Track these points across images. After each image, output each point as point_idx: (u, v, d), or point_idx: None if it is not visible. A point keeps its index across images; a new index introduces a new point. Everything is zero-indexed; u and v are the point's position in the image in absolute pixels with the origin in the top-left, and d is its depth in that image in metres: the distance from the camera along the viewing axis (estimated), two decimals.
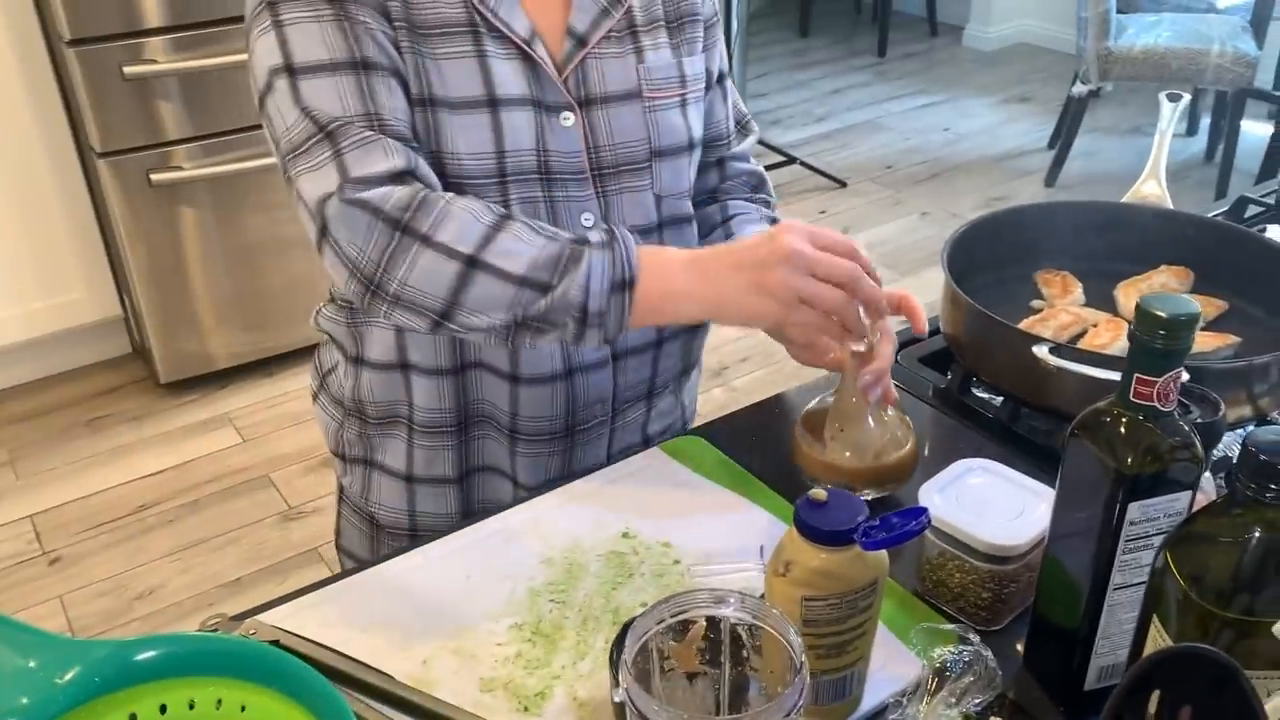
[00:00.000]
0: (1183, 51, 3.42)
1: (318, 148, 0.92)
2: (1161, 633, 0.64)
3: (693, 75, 1.09)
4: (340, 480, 1.22)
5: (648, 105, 1.05)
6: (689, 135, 1.09)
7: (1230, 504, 0.63)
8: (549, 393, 1.07)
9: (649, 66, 1.05)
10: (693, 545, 0.95)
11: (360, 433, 1.15)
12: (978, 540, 0.84)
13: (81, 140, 2.53)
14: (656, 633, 0.66)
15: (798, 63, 5.12)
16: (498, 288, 0.89)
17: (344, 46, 0.92)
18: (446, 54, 0.96)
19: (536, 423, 1.08)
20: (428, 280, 0.90)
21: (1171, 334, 0.66)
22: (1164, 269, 1.22)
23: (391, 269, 0.90)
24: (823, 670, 0.74)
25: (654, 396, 1.16)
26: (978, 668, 0.71)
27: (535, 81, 0.99)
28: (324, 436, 1.22)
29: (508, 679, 0.82)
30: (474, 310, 0.90)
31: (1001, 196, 3.77)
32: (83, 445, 2.60)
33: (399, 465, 1.12)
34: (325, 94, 0.92)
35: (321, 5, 0.93)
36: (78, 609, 2.16)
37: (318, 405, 1.20)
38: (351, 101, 0.92)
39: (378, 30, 0.94)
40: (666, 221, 1.09)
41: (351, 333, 1.10)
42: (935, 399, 1.16)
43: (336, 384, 1.16)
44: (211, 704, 0.66)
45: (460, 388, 1.07)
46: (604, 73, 1.02)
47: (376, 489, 1.16)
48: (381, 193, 0.90)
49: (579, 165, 1.02)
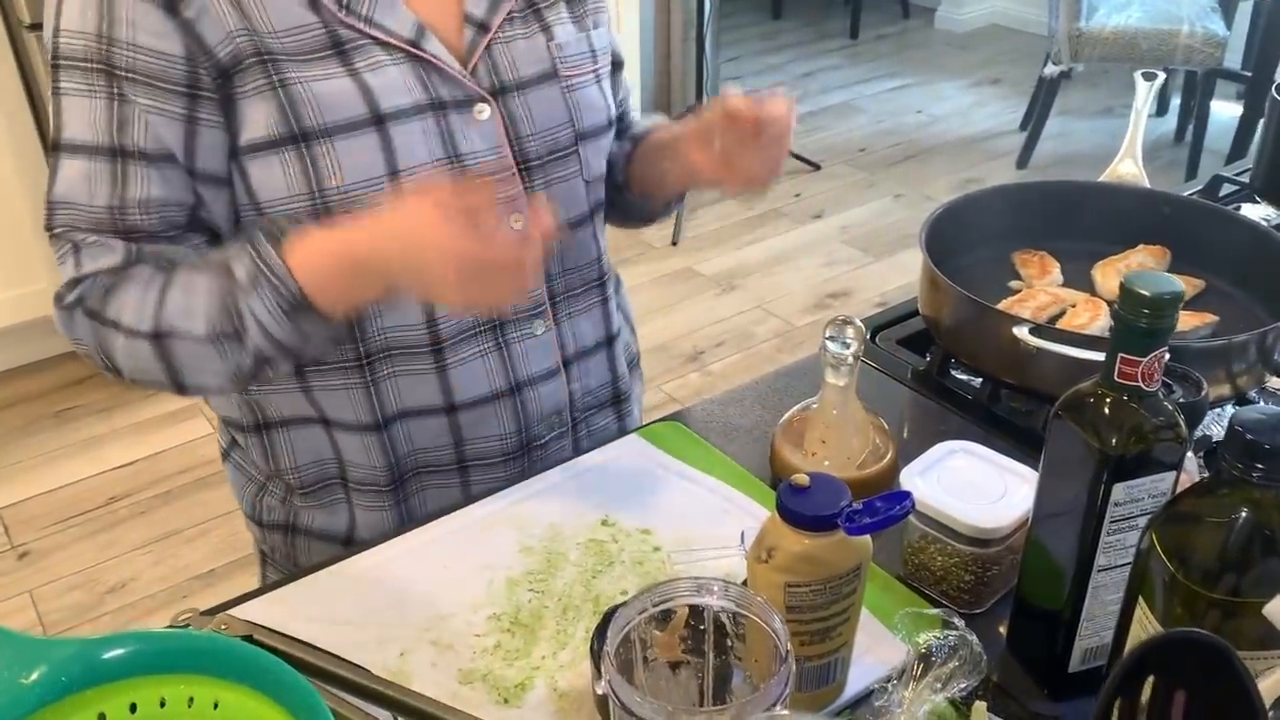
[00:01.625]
0: (1153, 32, 3.43)
1: (59, 241, 0.91)
2: (1147, 614, 0.64)
3: (601, 49, 1.04)
4: (259, 546, 1.15)
5: (565, 85, 0.99)
6: (608, 113, 1.04)
7: (1216, 484, 0.62)
8: (494, 411, 1.01)
9: (559, 44, 0.99)
10: (673, 532, 0.93)
11: (284, 499, 1.07)
12: (960, 523, 0.83)
13: (44, 128, 2.48)
14: (639, 623, 0.65)
15: (770, 45, 5.10)
16: (198, 350, 0.88)
17: (106, 129, 0.87)
18: (315, 77, 0.88)
19: (486, 444, 1.02)
20: (139, 362, 0.90)
21: (1156, 313, 0.65)
22: (1141, 248, 1.22)
23: (112, 358, 0.91)
24: (806, 656, 0.73)
25: (621, 402, 1.12)
26: (963, 652, 0.70)
27: (431, 82, 0.92)
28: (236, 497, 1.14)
29: (487, 670, 0.80)
30: (198, 372, 0.90)
31: (974, 178, 3.77)
32: (51, 437, 2.56)
33: (338, 528, 1.05)
34: (77, 178, 0.89)
35: (97, 80, 0.86)
36: (48, 603, 2.12)
37: (229, 464, 1.12)
38: (100, 189, 0.88)
39: (156, 112, 0.87)
40: (597, 207, 1.05)
41: (247, 401, 1.03)
42: (914, 381, 1.15)
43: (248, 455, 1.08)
44: (183, 702, 0.64)
45: (388, 444, 1.00)
46: (514, 57, 0.96)
47: (305, 553, 1.08)
48: (89, 285, 0.90)
49: (502, 162, 0.95)
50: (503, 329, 0.99)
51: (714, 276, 3.23)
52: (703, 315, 3.03)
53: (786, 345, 2.92)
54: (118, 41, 0.85)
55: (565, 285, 1.03)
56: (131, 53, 0.85)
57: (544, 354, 1.03)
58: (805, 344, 2.90)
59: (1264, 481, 0.59)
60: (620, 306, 1.14)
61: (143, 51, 0.85)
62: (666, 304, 3.08)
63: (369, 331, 0.96)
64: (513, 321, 1.00)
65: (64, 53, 0.87)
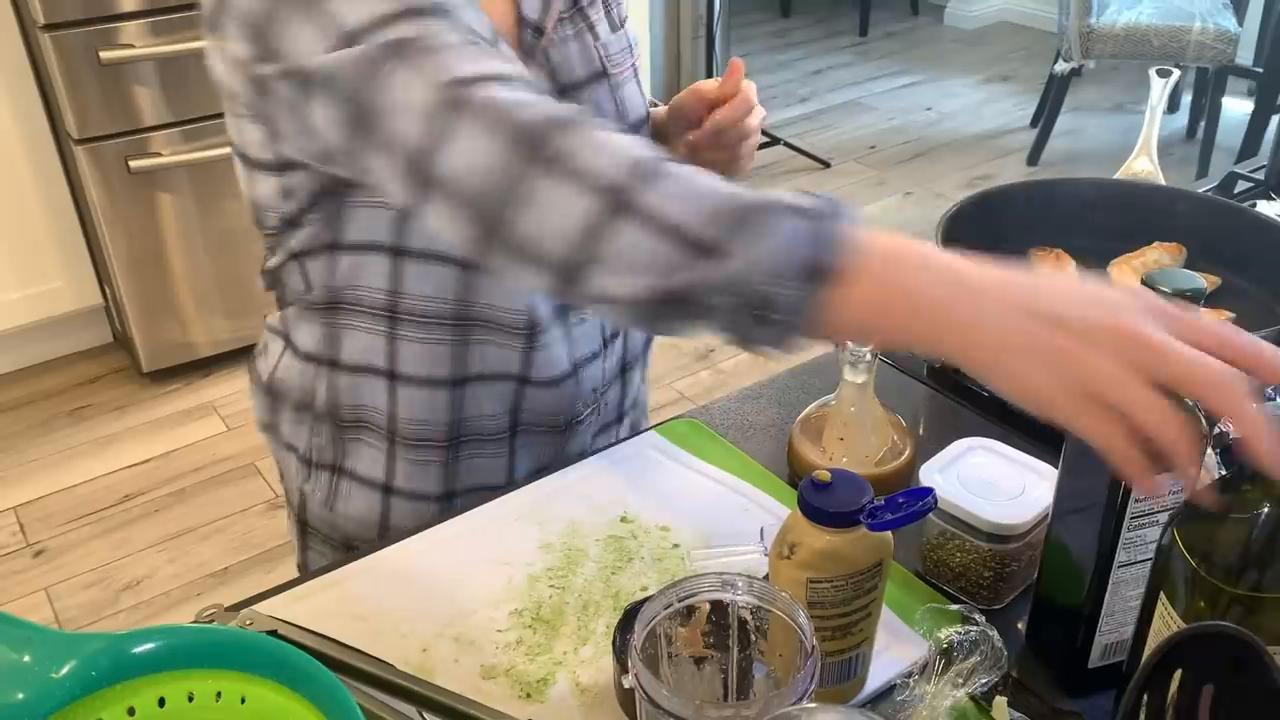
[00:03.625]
0: (1164, 29, 3.43)
1: None
2: (1169, 610, 0.64)
3: (634, 43, 1.07)
4: (301, 492, 1.13)
5: (612, 83, 1.01)
6: (645, 108, 1.07)
7: (1239, 479, 0.62)
8: (555, 389, 1.04)
9: (604, 42, 1.01)
10: (692, 528, 0.94)
11: (333, 438, 1.07)
12: (979, 519, 0.83)
13: (58, 127, 2.49)
14: (663, 617, 0.65)
15: (779, 43, 5.10)
16: (648, 236, 0.67)
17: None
18: None
19: (539, 417, 1.05)
20: (482, 163, 0.71)
21: None
22: (1157, 245, 1.22)
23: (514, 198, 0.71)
24: (828, 652, 0.73)
25: (626, 371, 1.15)
26: (984, 648, 0.70)
27: None
28: (280, 454, 1.13)
29: (509, 665, 0.81)
30: (558, 218, 0.69)
31: (985, 175, 3.77)
32: (65, 436, 2.57)
33: (377, 476, 1.07)
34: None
35: None
36: (64, 601, 2.14)
37: (278, 416, 1.10)
38: None
39: None
40: None
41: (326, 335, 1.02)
42: (931, 379, 1.16)
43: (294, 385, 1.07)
44: (211, 696, 0.65)
45: (453, 403, 1.02)
46: (567, 57, 0.98)
47: (345, 498, 1.09)
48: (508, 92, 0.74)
49: None
50: (567, 315, 1.03)
51: None
52: None
53: None
54: None
55: None
56: None
57: (591, 336, 1.07)
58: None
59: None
60: None
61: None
62: None
63: (473, 302, 0.97)
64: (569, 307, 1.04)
65: None
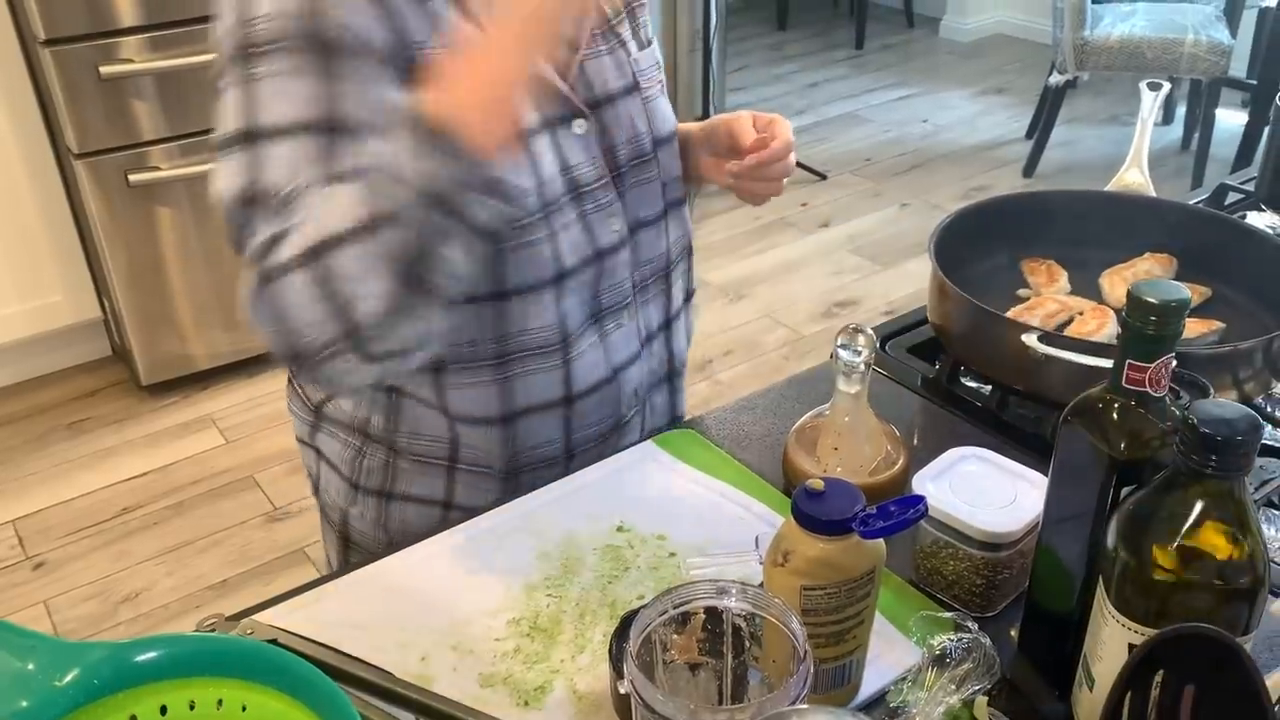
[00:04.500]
0: (1158, 41, 3.45)
1: (255, 215, 0.85)
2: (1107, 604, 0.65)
3: (661, 60, 1.10)
4: (343, 511, 1.14)
5: (644, 97, 1.05)
6: (674, 123, 1.11)
7: (1175, 477, 0.63)
8: (598, 397, 1.07)
9: (634, 58, 1.05)
10: (688, 537, 0.95)
11: (386, 461, 1.08)
12: (971, 528, 0.84)
13: (58, 141, 2.51)
14: (659, 624, 0.66)
15: (776, 56, 5.12)
16: (356, 251, 0.79)
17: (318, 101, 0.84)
18: None
19: (589, 430, 1.08)
20: (303, 305, 0.81)
21: (1162, 320, 0.66)
22: (1148, 256, 1.23)
23: (285, 321, 0.82)
24: (822, 659, 0.74)
25: (674, 379, 1.18)
26: (977, 654, 0.71)
27: (540, 99, 0.96)
28: (319, 469, 1.15)
29: (507, 674, 0.82)
30: (360, 286, 0.79)
31: (981, 187, 3.79)
32: (64, 449, 2.58)
33: (437, 494, 1.08)
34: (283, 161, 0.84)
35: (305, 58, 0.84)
36: (63, 614, 2.14)
37: (320, 436, 1.13)
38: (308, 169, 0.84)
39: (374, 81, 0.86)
40: (670, 205, 1.10)
41: None
42: (924, 389, 1.17)
43: (349, 412, 1.08)
44: (212, 704, 0.65)
45: (508, 438, 1.04)
46: (601, 71, 1.02)
47: (399, 517, 1.10)
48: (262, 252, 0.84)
49: (599, 171, 1.01)
50: (602, 322, 1.05)
51: (722, 286, 3.25)
52: (711, 324, 3.04)
53: (795, 354, 2.93)
54: (324, 15, 0.84)
55: (641, 277, 1.09)
56: (339, 28, 0.84)
57: (629, 340, 1.09)
58: (813, 353, 2.91)
59: (1218, 474, 0.61)
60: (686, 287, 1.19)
61: (350, 26, 0.85)
62: None
63: (509, 333, 0.99)
64: (609, 313, 1.06)
65: (263, 38, 0.85)
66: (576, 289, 1.01)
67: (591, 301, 1.04)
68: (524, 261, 0.97)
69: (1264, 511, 0.98)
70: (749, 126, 1.08)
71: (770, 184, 1.09)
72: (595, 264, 1.02)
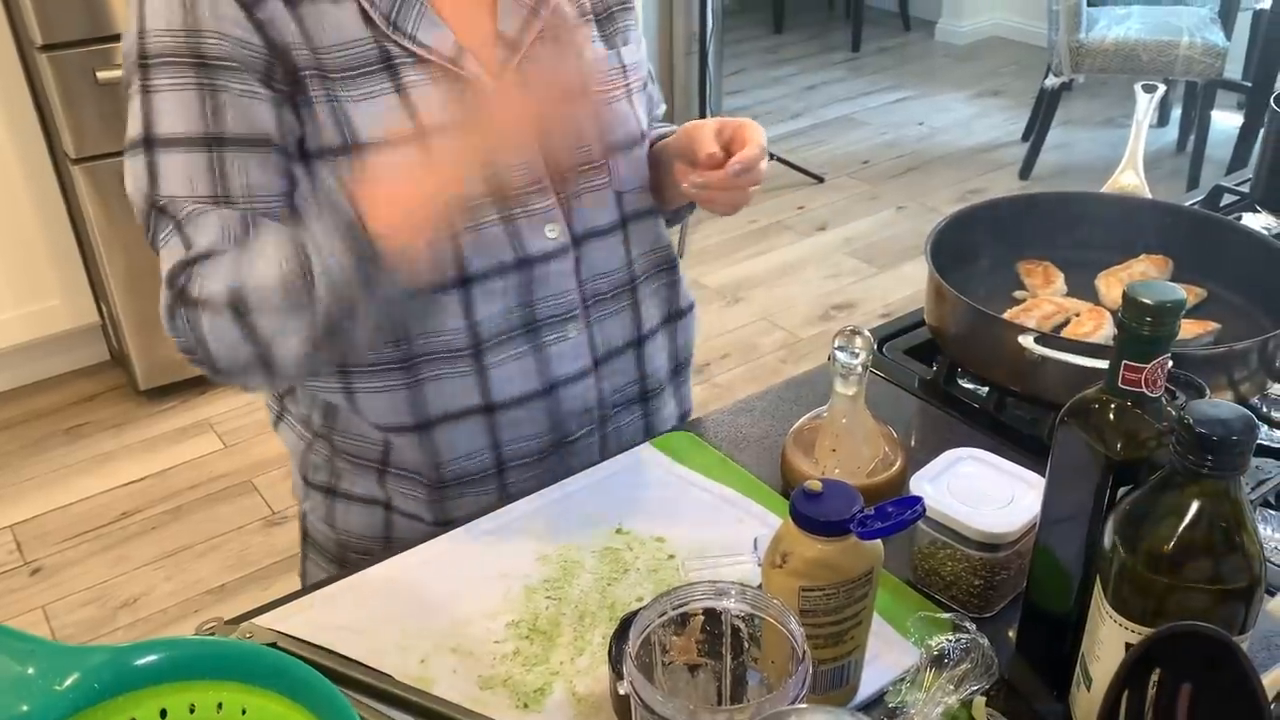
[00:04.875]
0: (1153, 43, 3.46)
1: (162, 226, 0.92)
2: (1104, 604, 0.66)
3: (631, 64, 1.07)
4: (301, 505, 1.17)
5: (598, 100, 1.03)
6: (638, 126, 1.07)
7: (1171, 477, 0.64)
8: (528, 410, 1.03)
9: (589, 61, 1.03)
10: (686, 539, 0.95)
11: (328, 459, 1.09)
12: (969, 529, 0.85)
13: (55, 146, 2.51)
14: (657, 626, 0.66)
15: (772, 59, 5.13)
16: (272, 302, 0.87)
17: (201, 119, 0.89)
18: (364, 95, 0.92)
19: (522, 444, 1.05)
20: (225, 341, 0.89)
21: (1158, 320, 0.67)
22: (1143, 258, 1.23)
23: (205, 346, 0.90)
24: (820, 660, 0.74)
25: (649, 400, 1.14)
26: (975, 655, 0.71)
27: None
28: (291, 456, 1.16)
29: (507, 676, 0.82)
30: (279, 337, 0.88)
31: (977, 189, 3.80)
32: (62, 454, 2.58)
33: (377, 495, 1.08)
34: (176, 172, 0.90)
35: (188, 73, 0.89)
36: (61, 619, 2.14)
37: (283, 425, 1.14)
38: (200, 180, 0.90)
39: (249, 96, 0.90)
40: (630, 217, 1.07)
41: None
42: (921, 390, 1.17)
43: (299, 412, 1.10)
44: (212, 707, 0.65)
45: (430, 446, 1.02)
46: (544, 73, 0.98)
47: (343, 517, 1.11)
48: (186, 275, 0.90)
49: (533, 175, 0.99)
50: (538, 332, 1.02)
51: (719, 289, 3.25)
52: (708, 328, 3.05)
53: (792, 357, 2.93)
54: (205, 32, 0.88)
55: (594, 290, 1.06)
56: (218, 40, 0.88)
57: (576, 355, 1.05)
58: (810, 355, 2.91)
59: (1214, 474, 0.61)
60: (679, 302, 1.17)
61: (228, 39, 0.89)
62: None
63: (413, 335, 0.98)
64: (547, 324, 1.03)
65: (152, 51, 0.89)
66: (497, 294, 0.99)
67: (521, 310, 1.01)
68: None
69: (1260, 511, 0.98)
70: (709, 136, 1.02)
71: (735, 194, 1.04)
72: (520, 271, 0.99)
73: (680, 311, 1.16)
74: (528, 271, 1.00)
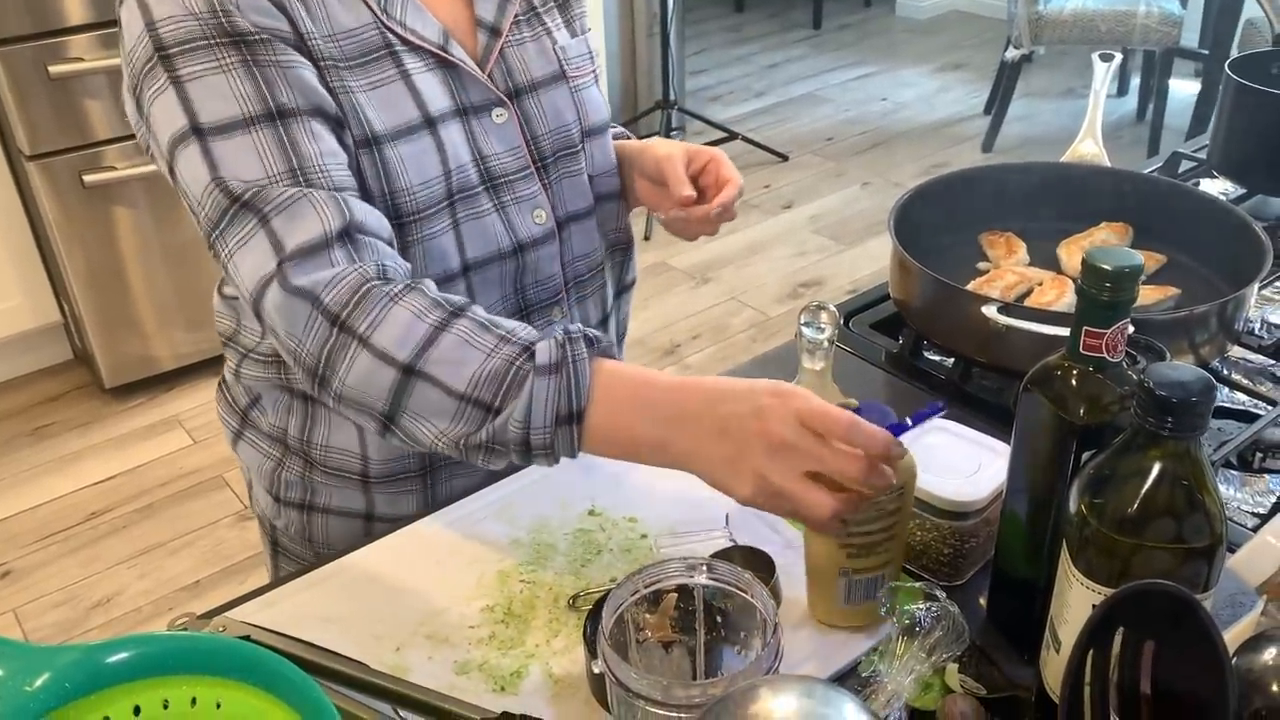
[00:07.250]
0: (1110, 13, 3.48)
1: (240, 218, 0.84)
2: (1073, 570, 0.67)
3: (594, 51, 1.09)
4: (270, 534, 1.15)
5: (572, 86, 1.04)
6: (607, 111, 1.09)
7: (1133, 440, 0.64)
8: None
9: (562, 46, 1.03)
10: (658, 518, 0.95)
11: (303, 474, 1.07)
12: (937, 498, 0.85)
13: (9, 143, 2.47)
14: (631, 604, 0.67)
15: (734, 38, 5.12)
16: (437, 397, 0.81)
17: (256, 96, 0.85)
18: (374, 83, 0.91)
19: None
20: (367, 383, 0.82)
21: (1117, 286, 0.67)
22: (1104, 226, 1.24)
23: (332, 366, 0.83)
24: (854, 569, 0.78)
25: None
26: (946, 623, 0.72)
27: (455, 87, 0.96)
28: (251, 477, 1.14)
29: (482, 660, 0.82)
30: (420, 422, 0.82)
31: (941, 163, 3.81)
32: (28, 455, 2.55)
33: (357, 507, 1.07)
34: (240, 155, 0.84)
35: (226, 52, 0.85)
36: (33, 621, 2.12)
37: (241, 444, 1.11)
38: (272, 158, 0.84)
39: (294, 66, 0.87)
40: (600, 199, 1.09)
41: None
42: (888, 363, 1.18)
43: (264, 430, 1.08)
44: (186, 702, 0.65)
45: None
46: (525, 59, 1.00)
47: (321, 530, 1.10)
48: (324, 279, 0.83)
49: (522, 161, 1.00)
50: (528, 318, 1.04)
51: (688, 270, 3.25)
52: (678, 309, 3.05)
53: (761, 335, 2.94)
54: (234, 11, 0.85)
55: (574, 273, 1.08)
56: (253, 15, 0.85)
57: None
58: (780, 333, 2.92)
59: (1175, 434, 0.62)
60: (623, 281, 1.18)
61: (262, 14, 0.86)
62: (641, 299, 3.10)
63: None
64: (536, 310, 1.04)
65: (172, 40, 0.85)
66: (494, 282, 0.99)
67: (515, 296, 1.02)
68: (429, 254, 0.95)
69: (1222, 472, 1.00)
70: (680, 172, 1.03)
71: (707, 226, 1.07)
72: (515, 257, 1.00)
73: (626, 286, 1.19)
74: (520, 258, 1.01)
